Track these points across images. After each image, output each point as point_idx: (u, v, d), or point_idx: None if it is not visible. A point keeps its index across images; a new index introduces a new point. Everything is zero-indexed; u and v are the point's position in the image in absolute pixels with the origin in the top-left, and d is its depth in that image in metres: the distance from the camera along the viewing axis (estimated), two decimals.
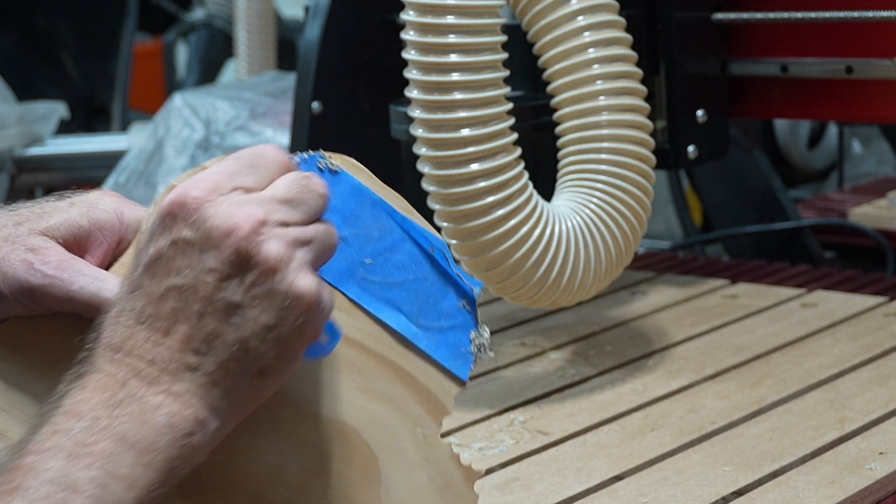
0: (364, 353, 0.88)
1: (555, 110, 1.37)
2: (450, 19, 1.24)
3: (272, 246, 0.79)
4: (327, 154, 0.90)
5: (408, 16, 1.26)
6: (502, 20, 1.27)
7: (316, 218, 0.83)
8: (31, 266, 0.85)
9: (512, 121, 1.29)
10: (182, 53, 4.27)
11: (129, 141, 2.84)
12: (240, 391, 0.80)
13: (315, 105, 1.78)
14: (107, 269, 0.88)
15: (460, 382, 0.88)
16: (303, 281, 0.80)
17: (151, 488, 0.76)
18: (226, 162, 0.83)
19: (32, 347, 0.88)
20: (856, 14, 1.54)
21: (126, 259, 0.88)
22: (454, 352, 0.89)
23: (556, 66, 1.35)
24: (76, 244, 0.88)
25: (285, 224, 0.81)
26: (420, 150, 1.29)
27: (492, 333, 1.57)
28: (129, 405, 0.77)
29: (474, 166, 1.27)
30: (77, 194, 0.90)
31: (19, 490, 0.73)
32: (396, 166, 1.45)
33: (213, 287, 0.79)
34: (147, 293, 0.80)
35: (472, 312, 0.90)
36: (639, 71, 1.37)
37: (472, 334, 0.87)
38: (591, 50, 1.34)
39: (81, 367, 0.80)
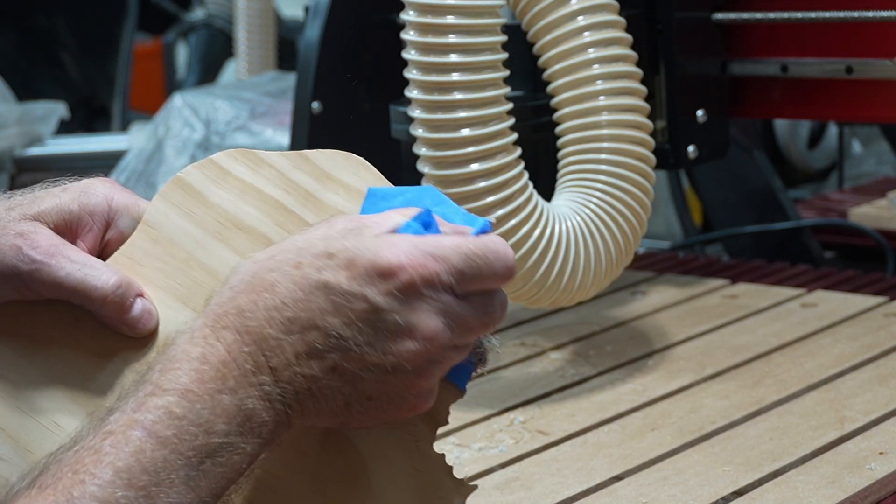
0: None
1: (555, 110, 1.37)
2: (450, 19, 1.24)
3: (437, 367, 0.81)
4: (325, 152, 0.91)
5: (408, 16, 1.26)
6: (502, 20, 1.27)
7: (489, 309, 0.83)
8: (19, 251, 0.85)
9: (512, 121, 1.29)
10: (182, 53, 4.27)
11: (129, 141, 2.84)
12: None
13: (315, 105, 1.78)
14: (98, 254, 0.88)
15: (458, 392, 0.87)
16: (431, 388, 0.82)
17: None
18: (458, 249, 0.81)
19: (27, 333, 0.88)
20: (856, 14, 1.54)
21: (128, 248, 0.88)
22: None
23: (556, 66, 1.35)
24: (67, 229, 0.88)
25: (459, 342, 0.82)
26: (420, 150, 1.29)
27: (492, 333, 1.58)
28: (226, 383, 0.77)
29: (474, 166, 1.27)
30: (71, 180, 0.90)
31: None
32: (396, 166, 1.44)
33: (347, 350, 0.78)
34: (314, 309, 0.78)
35: None
36: (639, 71, 1.37)
37: (481, 343, 0.86)
38: (591, 50, 1.34)
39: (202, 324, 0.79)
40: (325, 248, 0.79)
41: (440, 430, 0.87)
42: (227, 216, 0.90)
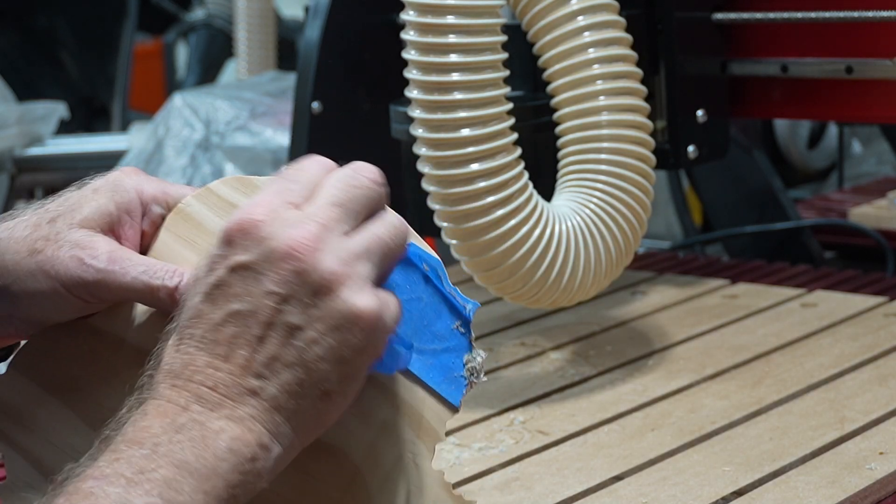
0: None
1: (555, 110, 1.37)
2: (450, 19, 1.24)
3: (328, 264, 0.79)
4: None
5: (408, 16, 1.26)
6: (502, 20, 1.27)
7: (375, 210, 0.83)
8: (82, 262, 0.87)
9: (512, 121, 1.29)
10: (182, 53, 4.27)
11: (129, 141, 2.84)
12: (303, 415, 0.80)
13: (315, 105, 1.78)
14: (140, 247, 0.91)
15: (452, 408, 0.87)
16: (361, 299, 0.80)
17: None
18: (273, 183, 0.83)
19: (52, 367, 0.90)
20: (856, 14, 1.54)
21: (160, 245, 0.91)
22: (446, 376, 0.88)
23: (556, 66, 1.35)
24: (111, 231, 0.90)
25: (342, 233, 0.81)
26: (420, 150, 1.29)
27: (492, 333, 1.58)
28: (190, 430, 0.77)
29: (474, 166, 1.27)
30: (97, 178, 0.92)
31: None
32: (396, 166, 1.44)
33: (272, 310, 0.79)
34: (207, 320, 0.80)
35: (465, 335, 0.88)
36: (639, 71, 1.37)
37: (466, 357, 0.86)
38: (591, 50, 1.34)
39: (142, 394, 0.79)
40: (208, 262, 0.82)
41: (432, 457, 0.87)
42: None
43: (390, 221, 0.83)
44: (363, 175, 0.83)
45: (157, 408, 0.78)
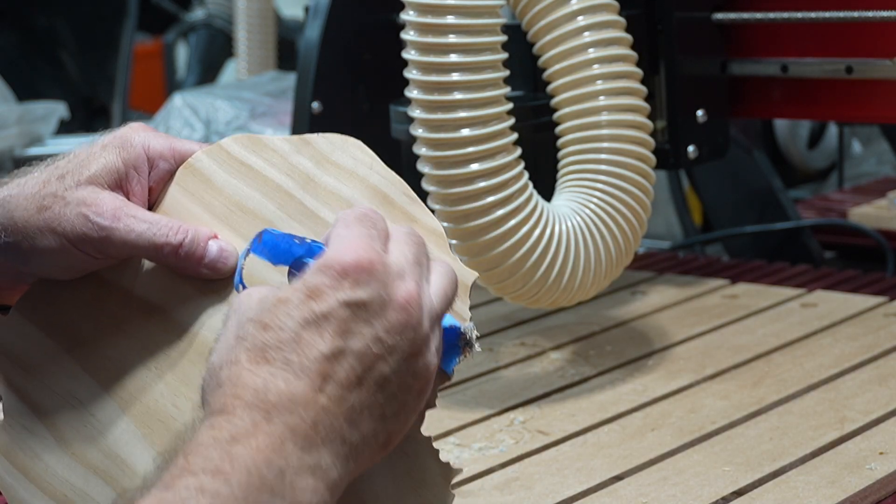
0: None
1: (555, 110, 1.37)
2: (450, 19, 1.24)
3: (426, 324, 0.79)
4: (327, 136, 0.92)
5: (408, 16, 1.26)
6: (502, 20, 1.27)
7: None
8: (87, 219, 0.88)
9: (512, 121, 1.29)
10: (182, 53, 4.27)
11: None
12: (363, 462, 0.77)
13: (315, 105, 1.78)
14: (149, 202, 0.92)
15: (445, 376, 0.87)
16: (433, 360, 0.80)
17: None
18: (352, 223, 0.80)
19: (57, 314, 0.91)
20: (856, 14, 1.54)
21: (169, 200, 0.92)
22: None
23: (556, 66, 1.35)
24: (118, 187, 0.91)
25: (426, 293, 0.80)
26: (420, 150, 1.29)
27: (492, 333, 1.58)
28: (282, 475, 0.72)
29: (474, 166, 1.27)
30: (106, 134, 0.93)
31: None
32: (396, 166, 1.44)
33: (375, 357, 0.77)
34: (309, 349, 0.76)
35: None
36: (639, 71, 1.37)
37: (462, 327, 0.86)
38: (591, 50, 1.34)
39: (220, 412, 0.74)
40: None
41: (439, 431, 0.87)
42: (232, 200, 0.92)
43: (452, 277, 0.83)
44: (414, 234, 0.83)
45: (251, 444, 0.72)
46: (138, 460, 0.87)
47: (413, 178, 1.34)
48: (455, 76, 1.25)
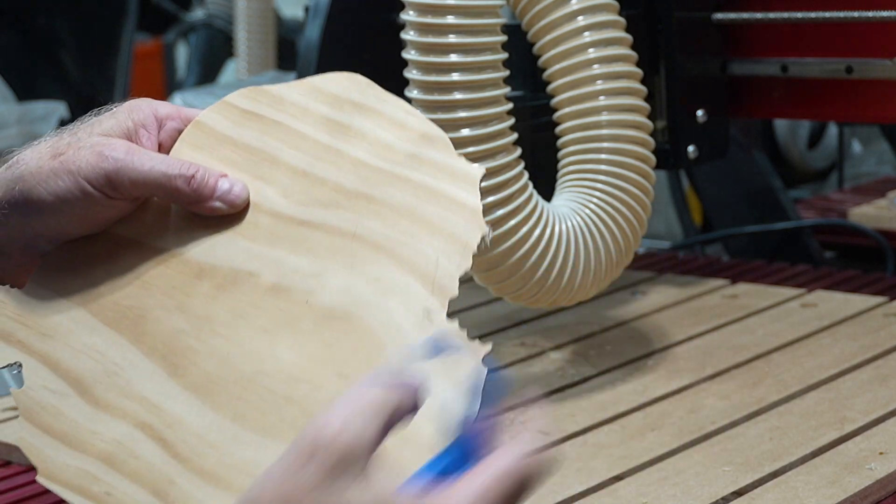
0: (358, 243, 0.88)
1: (555, 110, 1.37)
2: (450, 19, 1.24)
3: None
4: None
5: (408, 16, 1.26)
6: (502, 20, 1.27)
7: None
8: (101, 154, 0.90)
9: (512, 121, 1.29)
10: (182, 53, 4.27)
11: None
12: None
13: None
14: None
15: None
16: None
17: None
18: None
19: (71, 275, 0.93)
20: (856, 14, 1.54)
21: (176, 154, 0.94)
22: None
23: (556, 66, 1.35)
24: (129, 140, 0.93)
25: None
26: None
27: (492, 333, 1.58)
28: None
29: None
30: (114, 105, 0.96)
31: None
32: None
33: None
34: None
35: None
36: (639, 71, 1.37)
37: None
38: (591, 50, 1.34)
39: None
40: None
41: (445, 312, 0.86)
42: (246, 149, 0.93)
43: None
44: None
45: None
46: (168, 400, 0.87)
47: None
48: (455, 76, 1.25)
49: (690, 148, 1.59)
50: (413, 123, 0.94)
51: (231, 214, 0.92)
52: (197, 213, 0.92)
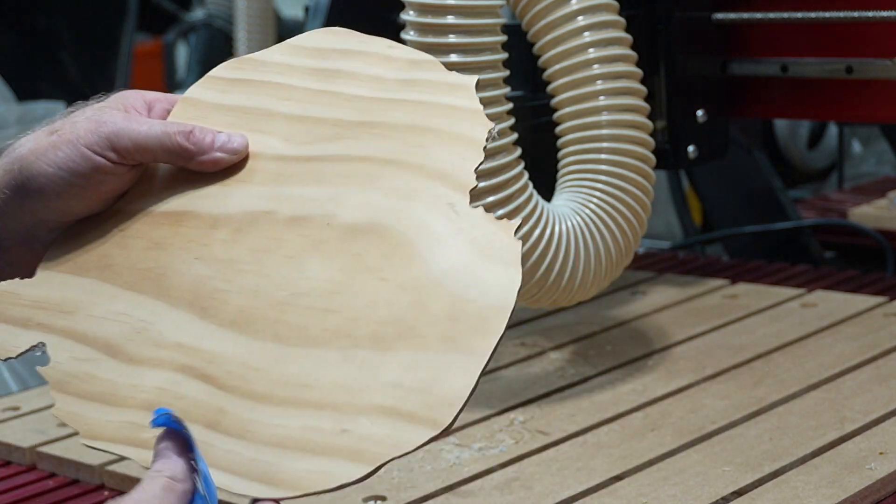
0: (368, 163, 0.89)
1: (555, 110, 1.37)
2: (450, 19, 1.24)
3: None
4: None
5: (408, 16, 1.26)
6: (502, 20, 1.27)
7: None
8: (99, 121, 0.91)
9: (512, 121, 1.29)
10: (182, 53, 4.27)
11: None
12: None
13: None
14: None
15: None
16: None
17: None
18: None
19: (82, 253, 0.93)
20: (856, 14, 1.54)
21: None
22: None
23: (556, 66, 1.35)
24: None
25: None
26: None
27: None
28: None
29: None
30: (104, 97, 0.96)
31: None
32: None
33: None
34: None
35: None
36: (639, 71, 1.37)
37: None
38: (591, 50, 1.34)
39: None
40: None
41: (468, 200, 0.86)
42: (249, 111, 0.94)
43: None
44: None
45: None
46: (204, 340, 0.87)
47: None
48: None
49: (690, 148, 1.59)
50: (399, 54, 0.94)
51: (236, 167, 0.92)
52: (201, 170, 0.92)
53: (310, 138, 0.92)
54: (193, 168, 0.92)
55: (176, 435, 0.81)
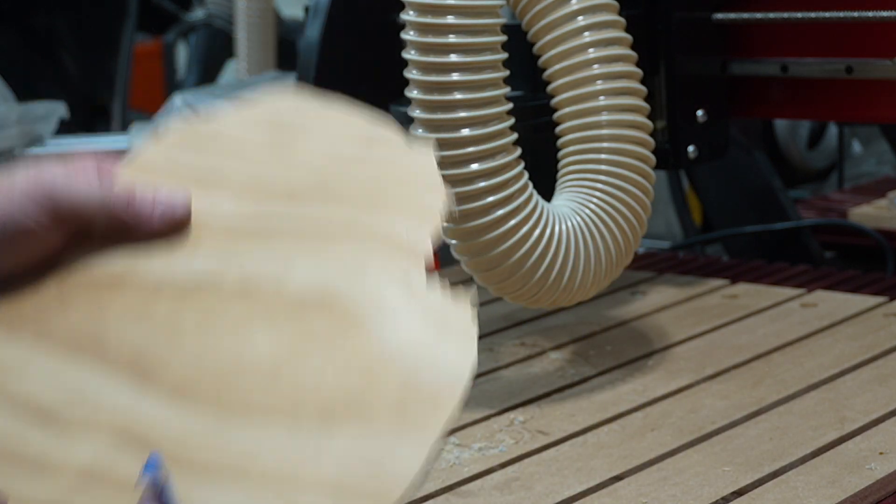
0: (321, 227, 0.87)
1: (555, 110, 1.37)
2: (450, 19, 1.24)
3: None
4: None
5: (408, 16, 1.26)
6: (502, 20, 1.27)
7: None
8: (36, 177, 0.86)
9: (512, 121, 1.29)
10: (182, 53, 4.27)
11: (130, 141, 2.84)
12: None
13: None
14: None
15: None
16: None
17: None
18: None
19: (21, 321, 0.89)
20: (856, 14, 1.54)
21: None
22: None
23: (556, 66, 1.35)
24: None
25: None
26: None
27: (492, 333, 1.58)
28: None
29: (474, 166, 1.27)
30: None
31: None
32: None
33: None
34: None
35: None
36: (639, 71, 1.37)
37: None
38: (591, 50, 1.34)
39: None
40: None
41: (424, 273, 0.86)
42: (202, 169, 0.93)
43: None
44: None
45: None
46: (142, 407, 0.84)
47: None
48: (455, 76, 1.25)
49: (690, 148, 1.59)
50: (356, 120, 0.93)
51: (180, 230, 0.89)
52: (144, 238, 0.89)
53: (261, 200, 0.90)
54: (136, 235, 0.89)
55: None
